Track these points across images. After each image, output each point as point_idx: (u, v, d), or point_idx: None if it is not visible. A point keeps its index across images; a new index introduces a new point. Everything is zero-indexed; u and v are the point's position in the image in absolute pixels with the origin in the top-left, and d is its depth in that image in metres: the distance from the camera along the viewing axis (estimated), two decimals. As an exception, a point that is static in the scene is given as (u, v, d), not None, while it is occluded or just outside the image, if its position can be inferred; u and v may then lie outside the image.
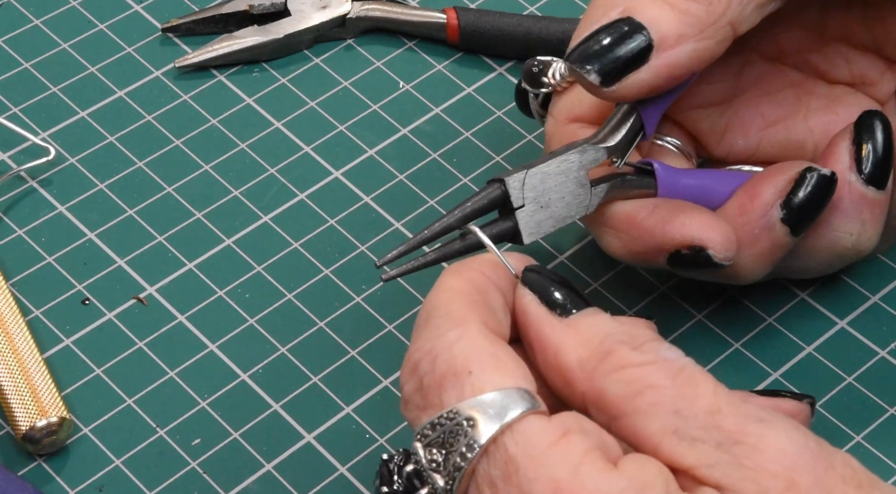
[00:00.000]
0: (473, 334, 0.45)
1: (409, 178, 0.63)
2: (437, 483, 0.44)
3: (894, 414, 0.56)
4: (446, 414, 0.44)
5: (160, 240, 0.60)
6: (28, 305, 0.58)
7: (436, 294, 0.47)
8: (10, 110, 0.64)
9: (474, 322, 0.45)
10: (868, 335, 0.58)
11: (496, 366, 0.44)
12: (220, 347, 0.57)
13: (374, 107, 0.65)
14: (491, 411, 0.43)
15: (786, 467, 0.42)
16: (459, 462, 0.43)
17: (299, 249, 0.60)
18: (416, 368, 0.45)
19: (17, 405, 0.54)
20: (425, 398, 0.45)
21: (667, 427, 0.43)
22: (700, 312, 0.59)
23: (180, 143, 0.64)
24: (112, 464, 0.54)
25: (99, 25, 0.68)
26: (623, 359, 0.45)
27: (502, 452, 0.43)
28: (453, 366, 0.44)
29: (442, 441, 0.44)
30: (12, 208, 0.61)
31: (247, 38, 0.66)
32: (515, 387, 0.44)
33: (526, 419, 0.43)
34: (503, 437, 0.43)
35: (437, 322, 0.46)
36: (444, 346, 0.45)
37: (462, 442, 0.43)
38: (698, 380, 0.44)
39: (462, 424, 0.43)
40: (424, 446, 0.44)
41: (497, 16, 0.66)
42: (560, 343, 0.46)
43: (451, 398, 0.44)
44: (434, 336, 0.45)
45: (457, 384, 0.44)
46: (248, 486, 0.54)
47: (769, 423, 0.43)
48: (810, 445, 0.43)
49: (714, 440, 0.43)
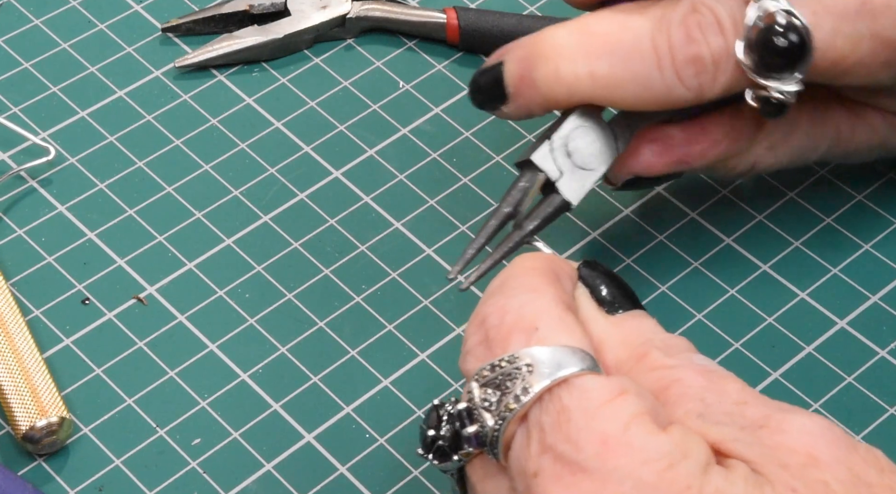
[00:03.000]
0: (547, 299, 0.46)
1: (409, 178, 0.63)
2: (486, 422, 0.44)
3: (894, 414, 0.56)
4: (508, 357, 0.44)
5: (160, 240, 0.60)
6: (28, 305, 0.58)
7: (511, 269, 0.47)
8: (10, 110, 0.64)
9: (548, 291, 0.46)
10: (868, 335, 0.58)
11: (563, 328, 0.45)
12: (220, 347, 0.57)
13: (374, 107, 0.65)
14: (553, 362, 0.43)
15: (807, 445, 0.42)
16: (512, 403, 0.43)
17: (299, 249, 0.60)
18: (484, 321, 0.46)
19: (17, 405, 0.54)
20: (490, 349, 0.45)
21: (691, 411, 0.44)
22: (700, 312, 0.59)
23: (180, 143, 0.64)
24: (112, 464, 0.54)
25: (99, 25, 0.68)
26: (656, 362, 0.46)
27: (556, 402, 0.43)
28: (522, 321, 0.45)
29: (499, 382, 0.44)
30: (12, 208, 0.61)
31: (247, 38, 0.66)
32: (580, 347, 0.44)
33: (584, 376, 0.43)
34: (559, 388, 0.43)
35: (511, 286, 0.46)
36: (516, 305, 0.45)
37: (518, 385, 0.43)
38: (727, 378, 0.45)
39: (521, 367, 0.44)
40: (481, 385, 0.44)
41: (497, 16, 0.66)
42: (601, 340, 0.47)
43: (515, 349, 0.44)
44: (507, 296, 0.46)
45: (523, 337, 0.44)
46: (248, 486, 0.54)
47: (794, 411, 0.44)
48: (834, 429, 0.43)
49: (738, 424, 0.43)
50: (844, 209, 0.62)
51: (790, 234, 0.61)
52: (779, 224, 0.61)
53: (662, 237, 0.61)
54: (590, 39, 0.52)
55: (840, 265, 0.60)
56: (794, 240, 0.61)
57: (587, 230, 0.61)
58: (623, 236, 0.61)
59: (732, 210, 0.62)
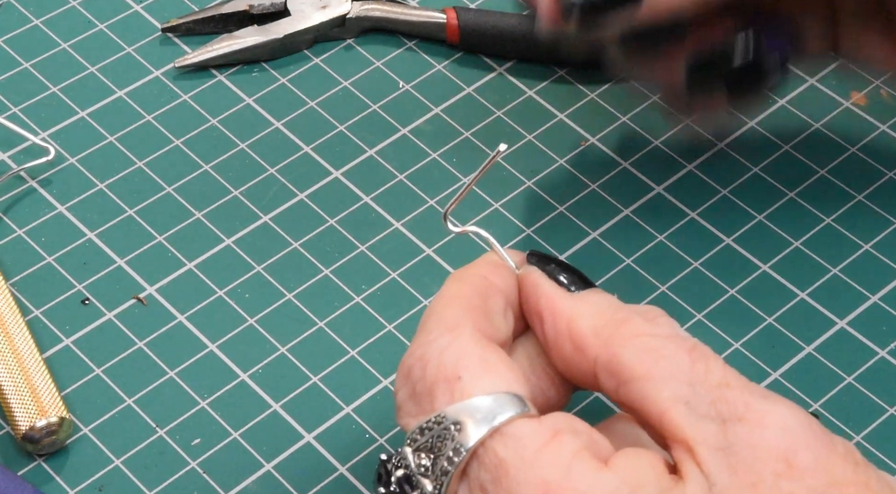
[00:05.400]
0: (465, 339, 0.45)
1: (409, 178, 0.63)
2: (426, 488, 0.43)
3: (894, 414, 0.56)
4: (434, 418, 0.44)
5: (160, 240, 0.60)
6: (28, 305, 0.58)
7: (435, 300, 0.47)
8: (10, 110, 0.64)
9: (466, 327, 0.45)
10: (868, 335, 0.58)
11: (486, 370, 0.44)
12: (220, 347, 0.57)
13: (374, 107, 0.65)
14: (479, 415, 0.43)
15: (787, 444, 0.42)
16: (447, 466, 0.43)
17: (299, 249, 0.60)
18: (409, 374, 0.45)
19: (17, 405, 0.54)
20: (418, 404, 0.45)
21: (679, 397, 0.43)
22: (700, 312, 0.59)
23: (180, 143, 0.64)
24: (112, 464, 0.54)
25: (99, 25, 0.68)
26: (639, 328, 0.45)
27: (492, 456, 0.43)
28: (443, 372, 0.44)
29: (430, 445, 0.43)
30: (12, 208, 0.61)
31: (247, 38, 0.66)
32: (505, 391, 0.43)
33: (515, 422, 0.43)
34: (492, 441, 0.43)
35: (429, 328, 0.46)
36: (436, 352, 0.45)
37: (449, 447, 0.43)
38: (710, 356, 0.44)
39: (449, 428, 0.43)
40: (414, 450, 0.44)
41: (497, 16, 0.66)
42: (574, 311, 0.46)
43: (441, 404, 0.44)
44: (426, 342, 0.45)
45: (447, 389, 0.44)
46: (248, 486, 0.54)
47: (774, 400, 0.43)
48: (813, 423, 0.43)
49: (721, 416, 0.43)
50: (844, 209, 0.62)
51: (790, 234, 0.61)
52: (779, 224, 0.61)
53: (662, 237, 0.61)
54: None
55: (840, 265, 0.60)
56: (794, 240, 0.61)
57: (587, 230, 0.61)
58: (623, 236, 0.61)
59: (732, 210, 0.62)
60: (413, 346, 0.46)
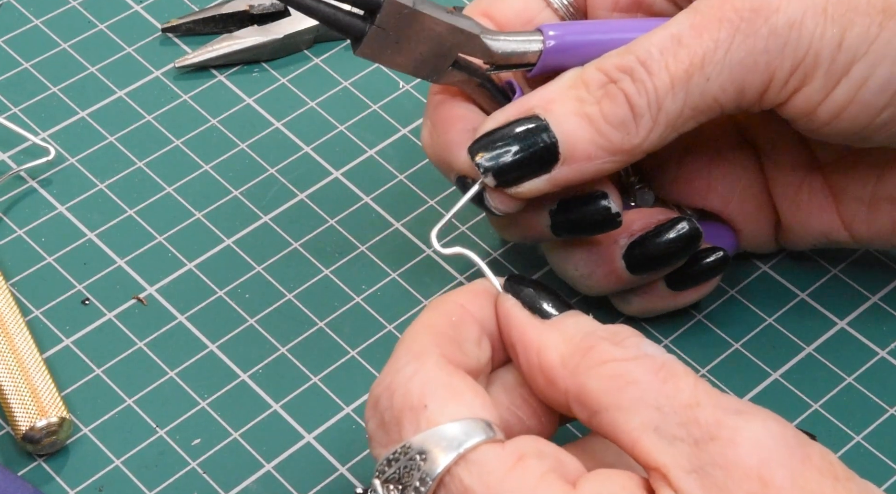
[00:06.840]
0: (430, 366, 0.45)
1: (409, 178, 0.63)
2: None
3: (894, 414, 0.56)
4: (400, 449, 0.44)
5: (160, 240, 0.61)
6: (28, 305, 0.58)
7: (407, 329, 0.47)
8: (10, 110, 0.64)
9: (432, 355, 0.45)
10: (868, 335, 0.58)
11: (451, 398, 0.44)
12: (220, 347, 0.57)
13: (374, 107, 0.65)
14: (444, 443, 0.43)
15: (761, 461, 0.42)
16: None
17: (299, 249, 0.60)
18: (377, 404, 0.45)
19: (17, 405, 0.54)
20: (387, 434, 0.45)
21: (647, 424, 0.43)
22: (700, 312, 0.59)
23: (180, 143, 0.64)
24: (112, 464, 0.54)
25: (99, 25, 0.68)
26: (605, 354, 0.45)
27: (458, 483, 0.43)
28: (410, 401, 0.44)
29: (398, 476, 0.44)
30: (12, 208, 0.61)
31: (247, 38, 0.66)
32: (470, 418, 0.44)
33: (480, 448, 0.43)
34: (457, 468, 0.43)
35: (398, 356, 0.46)
36: (402, 381, 0.45)
37: (416, 477, 0.43)
38: (679, 375, 0.44)
39: (415, 458, 0.43)
40: (383, 483, 0.44)
41: (497, 16, 0.66)
42: (542, 343, 0.46)
43: (409, 433, 0.44)
44: (393, 371, 0.45)
45: (413, 418, 0.44)
46: (248, 486, 0.54)
47: (746, 415, 0.43)
48: (787, 435, 0.42)
49: (692, 436, 0.42)
50: (844, 209, 0.62)
51: (790, 234, 0.61)
52: (779, 224, 0.61)
53: (662, 237, 0.61)
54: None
55: (840, 266, 0.60)
56: (794, 240, 0.61)
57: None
58: (623, 236, 0.61)
59: (732, 210, 0.62)
60: (381, 375, 0.46)
